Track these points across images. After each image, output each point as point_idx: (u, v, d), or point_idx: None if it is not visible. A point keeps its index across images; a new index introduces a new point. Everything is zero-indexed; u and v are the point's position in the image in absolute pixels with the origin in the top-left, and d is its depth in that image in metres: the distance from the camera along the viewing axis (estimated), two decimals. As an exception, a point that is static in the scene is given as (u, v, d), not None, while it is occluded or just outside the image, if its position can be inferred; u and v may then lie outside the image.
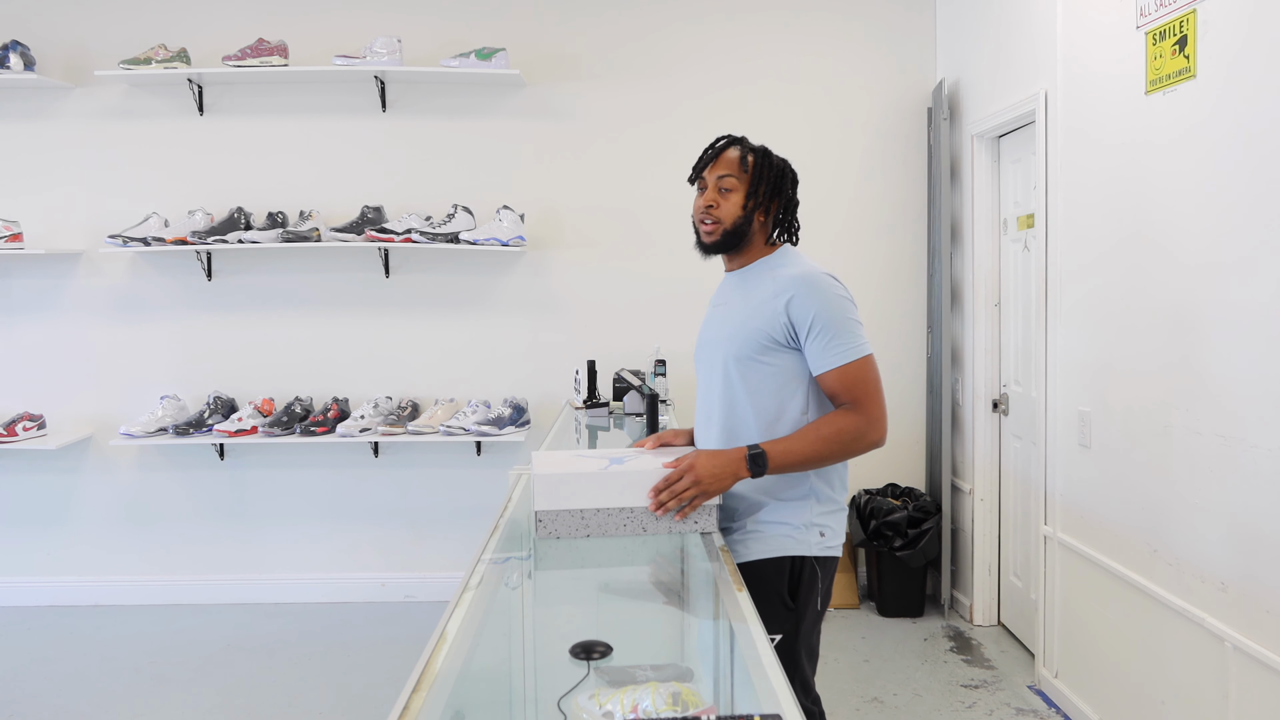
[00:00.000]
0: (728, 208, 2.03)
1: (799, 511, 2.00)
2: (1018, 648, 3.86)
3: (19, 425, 4.31)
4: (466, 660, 1.42)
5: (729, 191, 2.03)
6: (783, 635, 1.97)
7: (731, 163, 2.04)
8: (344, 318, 4.51)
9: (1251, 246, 2.25)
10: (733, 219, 2.03)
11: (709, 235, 2.04)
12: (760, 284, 2.02)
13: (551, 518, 1.85)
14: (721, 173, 2.04)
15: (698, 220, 2.06)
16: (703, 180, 2.06)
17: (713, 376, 2.06)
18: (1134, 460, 2.78)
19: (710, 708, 1.35)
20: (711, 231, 2.03)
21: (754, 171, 2.04)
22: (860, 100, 4.49)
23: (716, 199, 2.03)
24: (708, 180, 2.05)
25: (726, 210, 2.03)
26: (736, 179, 2.03)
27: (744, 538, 2.01)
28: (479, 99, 4.48)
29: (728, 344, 2.02)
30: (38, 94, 4.42)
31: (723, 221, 2.03)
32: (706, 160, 2.06)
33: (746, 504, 2.01)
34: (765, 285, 2.01)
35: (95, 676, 3.76)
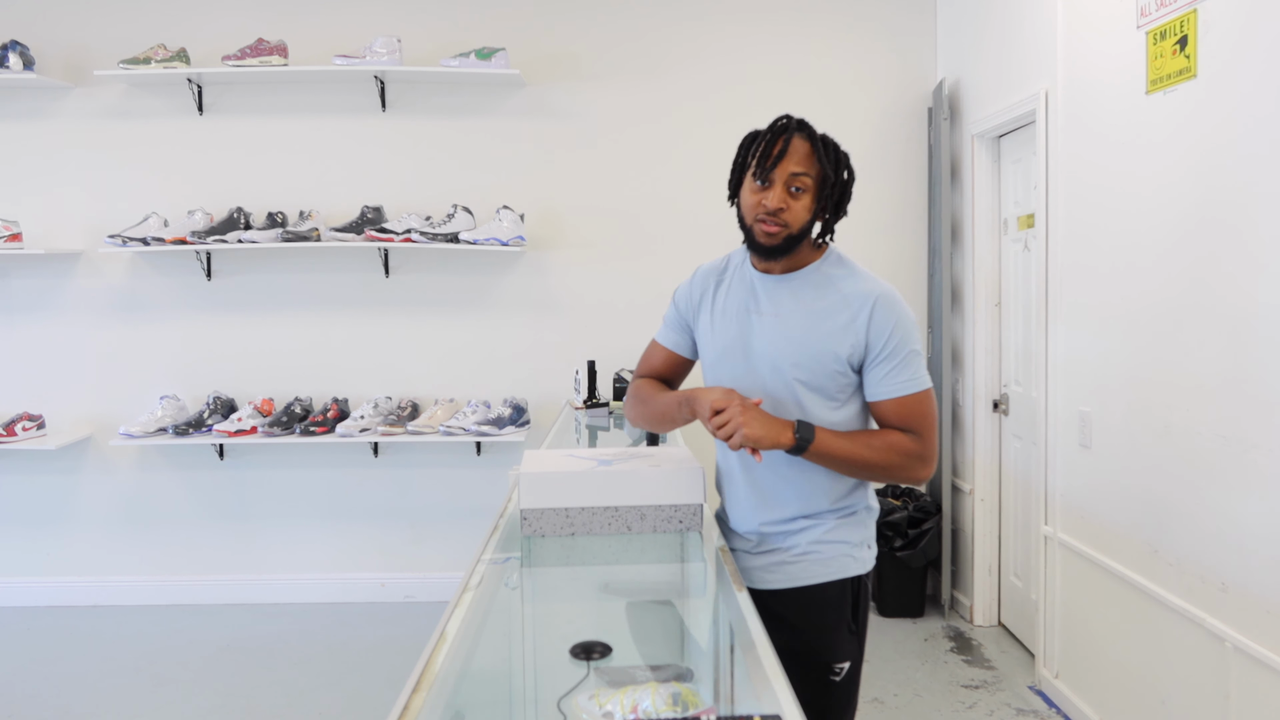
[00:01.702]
0: (798, 211, 1.76)
1: (856, 529, 1.87)
2: (1018, 648, 3.86)
3: (19, 425, 4.31)
4: (466, 660, 1.42)
5: (801, 192, 1.76)
6: (850, 664, 1.86)
7: (806, 158, 1.76)
8: (344, 318, 4.51)
9: (1251, 245, 2.25)
10: (801, 224, 1.78)
11: (770, 238, 1.77)
12: (821, 295, 1.81)
13: (536, 515, 1.86)
14: (796, 170, 1.75)
15: (756, 219, 1.78)
16: (769, 177, 1.75)
17: (752, 383, 1.84)
18: (1134, 460, 2.78)
19: (710, 708, 1.35)
20: (774, 234, 1.77)
21: (826, 171, 1.78)
22: (860, 100, 4.49)
23: (788, 201, 1.75)
24: (775, 178, 1.75)
25: (797, 214, 1.76)
26: (810, 177, 1.76)
27: (799, 559, 1.85)
28: (479, 99, 4.48)
29: (790, 361, 1.80)
30: (37, 94, 4.42)
31: (790, 226, 1.76)
32: (779, 153, 1.75)
33: (800, 522, 1.86)
34: (829, 297, 1.80)
35: (95, 676, 3.75)
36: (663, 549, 1.94)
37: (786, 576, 1.87)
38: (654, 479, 1.88)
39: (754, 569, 1.90)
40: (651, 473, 1.88)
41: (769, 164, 1.75)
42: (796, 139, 1.77)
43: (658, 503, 1.88)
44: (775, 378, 1.82)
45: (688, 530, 1.90)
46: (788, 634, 1.73)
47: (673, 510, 1.88)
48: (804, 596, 1.85)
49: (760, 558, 1.90)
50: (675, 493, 1.88)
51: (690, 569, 1.95)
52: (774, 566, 1.88)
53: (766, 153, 1.76)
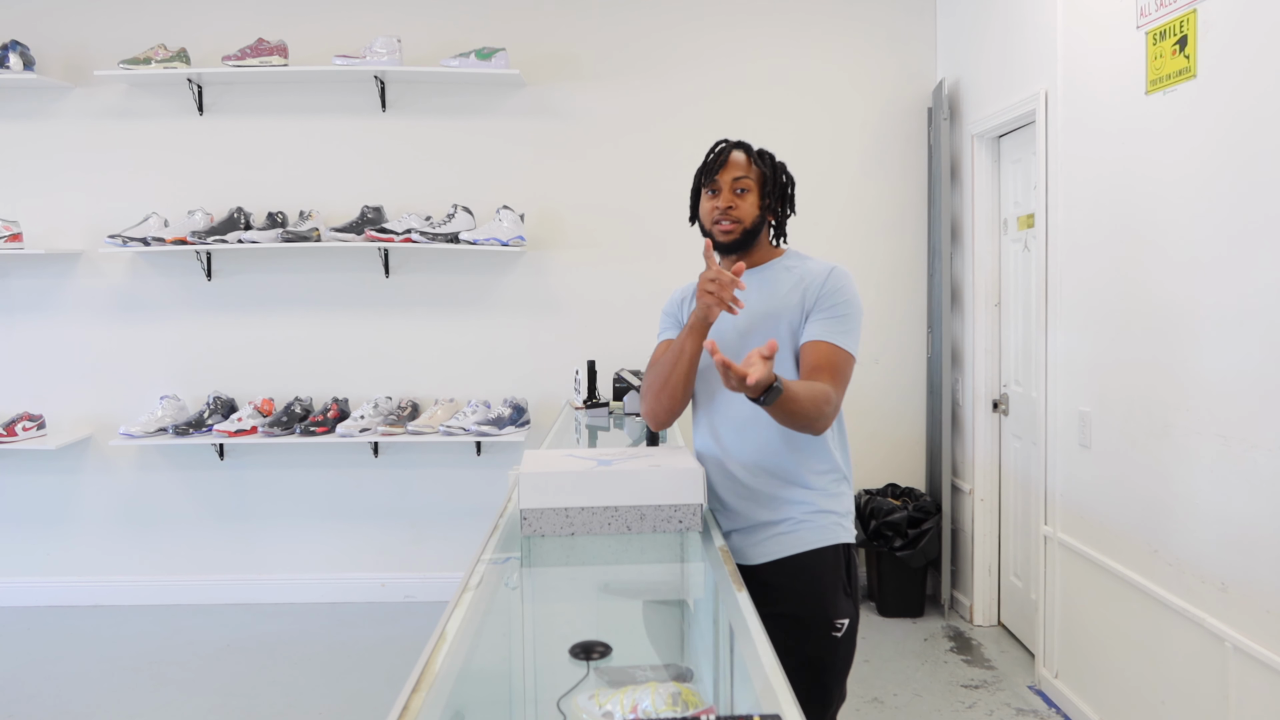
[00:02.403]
0: (746, 208, 2.06)
1: (841, 499, 2.06)
2: (1018, 648, 3.86)
3: (19, 425, 4.31)
4: (466, 660, 1.42)
5: (745, 192, 2.06)
6: (849, 621, 2.01)
7: (743, 164, 2.07)
8: (344, 318, 4.51)
9: (1252, 246, 2.25)
10: (751, 218, 2.06)
11: (727, 235, 2.06)
12: (782, 281, 2.06)
13: (536, 515, 1.86)
14: (736, 174, 2.06)
15: (712, 222, 2.07)
16: (714, 184, 2.07)
17: None
18: (1134, 460, 2.78)
19: (710, 708, 1.35)
20: (730, 231, 2.05)
21: (764, 172, 2.08)
22: (860, 100, 4.49)
23: (734, 200, 2.05)
24: (721, 183, 2.06)
25: (745, 210, 2.05)
26: (751, 179, 2.06)
27: (795, 528, 2.01)
28: (479, 99, 4.48)
29: (761, 338, 2.01)
30: (37, 94, 4.42)
31: (742, 221, 2.05)
32: (718, 164, 2.08)
33: (787, 495, 2.02)
34: (788, 280, 2.06)
35: (95, 676, 3.76)
36: (663, 549, 1.94)
37: (784, 546, 2.01)
38: (654, 479, 1.88)
39: (749, 546, 2.04)
40: (651, 473, 1.88)
41: (714, 172, 2.07)
42: (733, 152, 2.09)
43: (658, 503, 1.88)
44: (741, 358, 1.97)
45: (688, 530, 1.90)
46: (793, 601, 1.96)
47: (673, 510, 1.88)
48: (803, 562, 2.00)
49: (754, 533, 2.04)
50: (675, 493, 1.88)
51: (690, 569, 1.95)
52: (771, 539, 2.02)
53: (711, 165, 2.09)
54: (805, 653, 1.95)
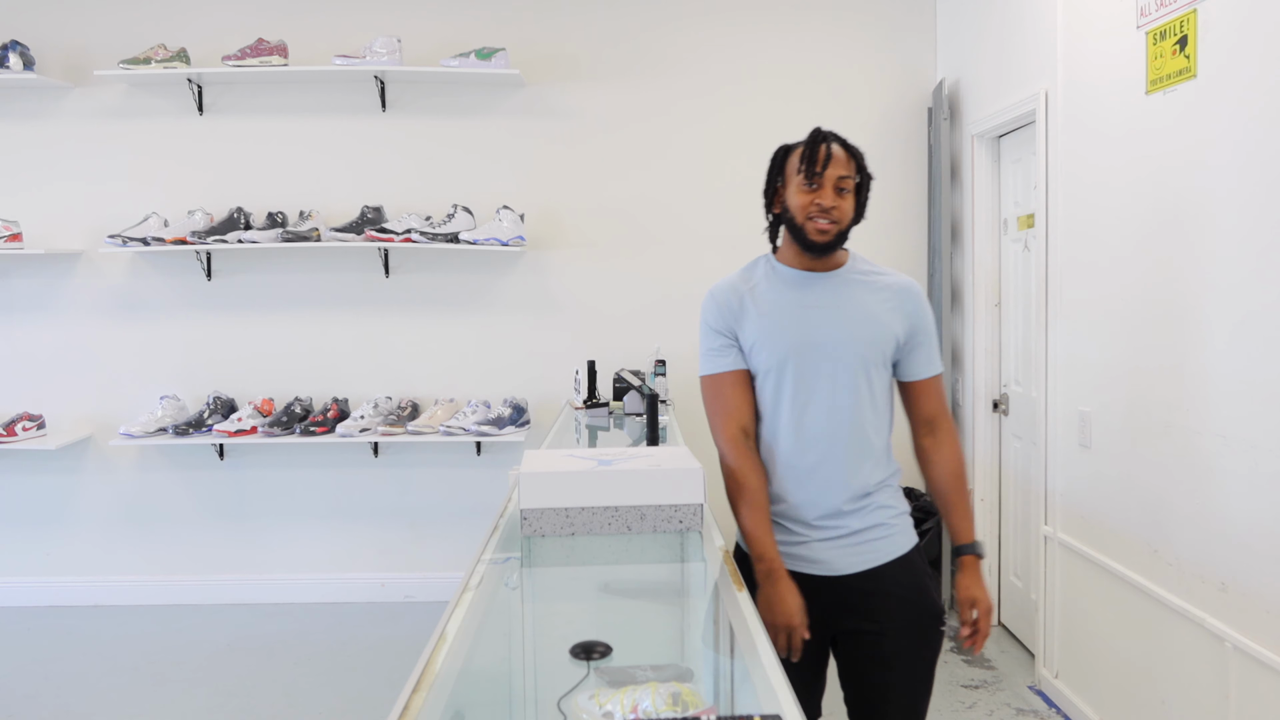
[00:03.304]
0: (845, 209, 1.96)
1: (903, 497, 2.08)
2: (1018, 648, 3.86)
3: (19, 425, 4.31)
4: (466, 660, 1.42)
5: (846, 193, 1.95)
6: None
7: (845, 162, 1.95)
8: (344, 318, 4.51)
9: (1252, 246, 2.25)
10: (848, 220, 1.97)
11: (823, 235, 1.94)
12: (865, 289, 2.00)
13: (536, 515, 1.86)
14: (841, 173, 1.93)
15: (807, 218, 1.93)
16: (819, 178, 1.92)
17: (836, 380, 1.96)
18: (1134, 460, 2.78)
19: (710, 708, 1.35)
20: (826, 231, 1.93)
21: (863, 174, 1.99)
22: (860, 100, 4.49)
23: (837, 200, 1.93)
24: (826, 179, 1.92)
25: (845, 211, 1.95)
26: (852, 179, 1.96)
27: (889, 533, 2.00)
28: (479, 99, 4.48)
29: (864, 342, 1.96)
30: (37, 94, 4.42)
31: (841, 223, 1.95)
32: (825, 157, 1.93)
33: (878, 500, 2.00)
34: (873, 291, 2.00)
35: (95, 676, 3.75)
36: (663, 549, 1.94)
37: (884, 550, 1.98)
38: (654, 479, 1.88)
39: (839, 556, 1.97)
40: (651, 473, 1.88)
41: (819, 167, 1.91)
42: (835, 146, 1.94)
43: (658, 503, 1.88)
44: (848, 361, 1.95)
45: (688, 530, 1.90)
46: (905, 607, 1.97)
47: (673, 510, 1.88)
48: (907, 563, 2.00)
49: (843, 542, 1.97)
50: (675, 493, 1.88)
51: (690, 569, 1.95)
52: (869, 544, 1.98)
53: (814, 157, 1.92)
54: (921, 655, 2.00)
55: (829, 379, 1.95)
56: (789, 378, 1.96)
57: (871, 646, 1.96)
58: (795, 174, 1.95)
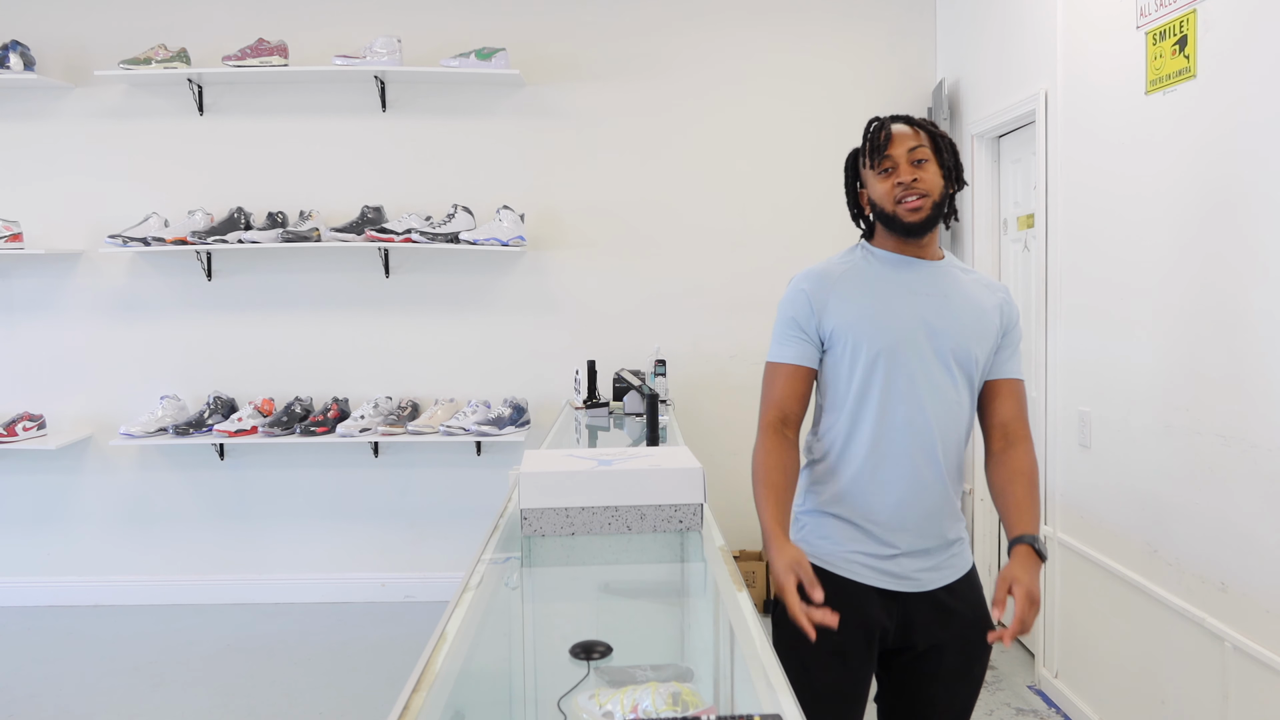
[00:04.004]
0: (930, 178, 1.81)
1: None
2: (1018, 648, 3.86)
3: (19, 425, 4.31)
4: (466, 660, 1.42)
5: (924, 162, 1.81)
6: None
7: (914, 135, 1.83)
8: (344, 318, 4.52)
9: (1252, 246, 2.25)
10: (939, 189, 1.82)
11: (916, 212, 1.80)
12: (969, 281, 1.90)
13: (536, 515, 1.86)
14: (910, 145, 1.81)
15: (895, 202, 1.81)
16: (887, 160, 1.81)
17: (941, 370, 1.83)
18: (1134, 460, 2.78)
19: (710, 708, 1.35)
20: (919, 207, 1.80)
21: (933, 135, 1.85)
22: (860, 100, 4.49)
23: (916, 172, 1.80)
24: (896, 157, 1.80)
25: (930, 180, 1.81)
26: (926, 147, 1.82)
27: (964, 547, 1.93)
28: (479, 99, 4.48)
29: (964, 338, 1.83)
30: (38, 94, 4.42)
31: (930, 193, 1.80)
32: (884, 139, 1.82)
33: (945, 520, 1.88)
34: (975, 284, 1.90)
35: (95, 676, 3.76)
36: (663, 549, 1.94)
37: (963, 563, 1.92)
38: (654, 479, 1.88)
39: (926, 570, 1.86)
40: (651, 473, 1.88)
41: (882, 149, 1.82)
42: (893, 126, 1.84)
43: (658, 503, 1.88)
44: (954, 352, 1.83)
45: (688, 530, 1.90)
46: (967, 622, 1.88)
47: (673, 510, 1.88)
48: (972, 578, 1.93)
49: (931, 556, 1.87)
50: (675, 493, 1.88)
51: (690, 569, 1.95)
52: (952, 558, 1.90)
53: (875, 143, 1.83)
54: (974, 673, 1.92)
55: (934, 368, 1.82)
56: (887, 364, 1.81)
57: (932, 664, 1.89)
58: (866, 169, 1.86)
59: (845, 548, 1.87)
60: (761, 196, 4.42)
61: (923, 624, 1.87)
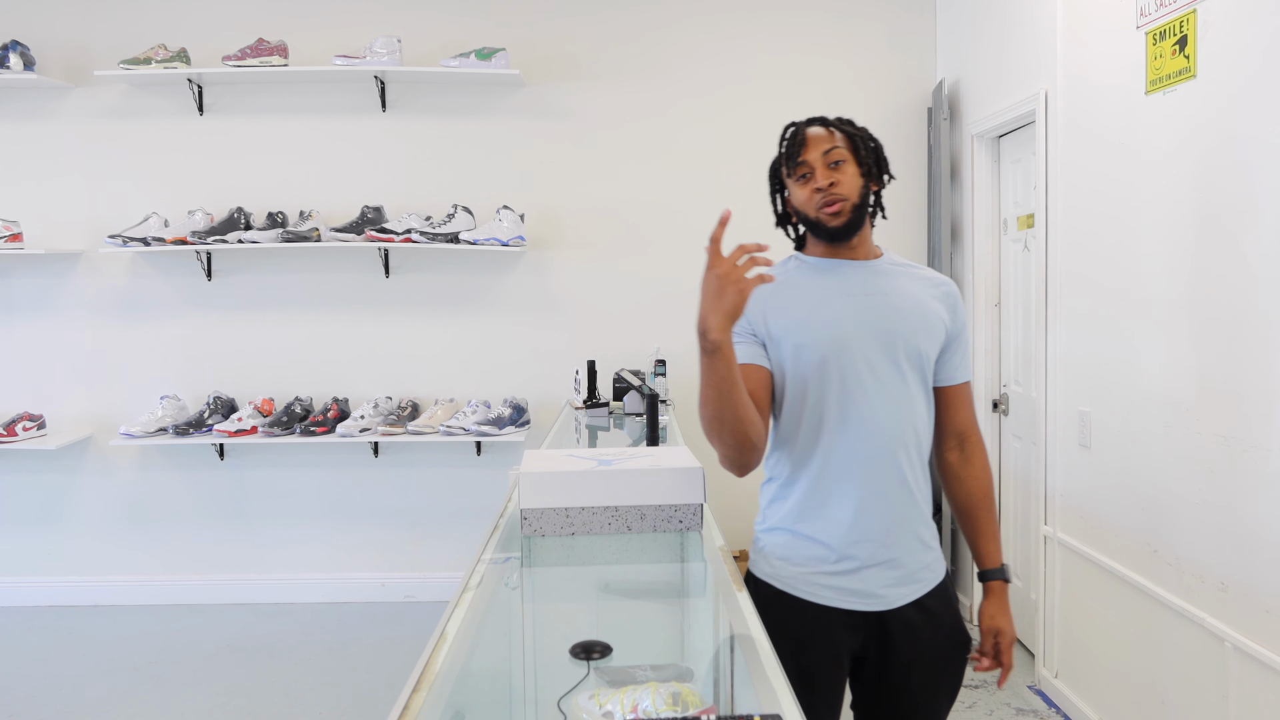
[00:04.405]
0: (848, 179, 1.78)
1: None
2: (1018, 648, 3.85)
3: (19, 425, 4.31)
4: (466, 660, 1.42)
5: (841, 163, 1.78)
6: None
7: (828, 137, 1.79)
8: (344, 318, 4.52)
9: (1251, 246, 2.25)
10: (857, 190, 1.79)
11: (836, 216, 1.77)
12: (908, 278, 1.85)
13: (536, 515, 1.86)
14: (824, 147, 1.78)
15: (817, 206, 1.77)
16: (802, 166, 1.78)
17: (891, 372, 1.76)
18: (1134, 460, 2.78)
19: (710, 708, 1.35)
20: (839, 211, 1.76)
21: (852, 137, 1.82)
22: (860, 100, 4.49)
23: (832, 175, 1.77)
24: (810, 162, 1.77)
25: (848, 183, 1.77)
26: (842, 148, 1.79)
27: (935, 557, 1.85)
28: (479, 99, 4.48)
29: (910, 336, 1.77)
30: (38, 94, 4.42)
31: (849, 196, 1.77)
32: (798, 144, 1.79)
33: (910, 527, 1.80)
34: (915, 280, 1.85)
35: (95, 676, 3.76)
36: (663, 549, 1.94)
37: (935, 575, 1.85)
38: (654, 479, 1.88)
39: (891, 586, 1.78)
40: (651, 473, 1.88)
41: (797, 155, 1.79)
42: (807, 130, 1.82)
43: (658, 503, 1.88)
44: (899, 352, 1.77)
45: (688, 530, 1.90)
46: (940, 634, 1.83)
47: (673, 510, 1.88)
48: (944, 590, 1.86)
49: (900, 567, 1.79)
50: (675, 493, 1.88)
51: (690, 569, 1.95)
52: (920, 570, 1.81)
53: (790, 149, 1.81)
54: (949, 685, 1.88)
55: (885, 369, 1.76)
56: (835, 370, 1.75)
57: (901, 677, 1.82)
58: (787, 178, 1.84)
59: (806, 568, 1.79)
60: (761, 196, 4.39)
61: (893, 644, 1.79)
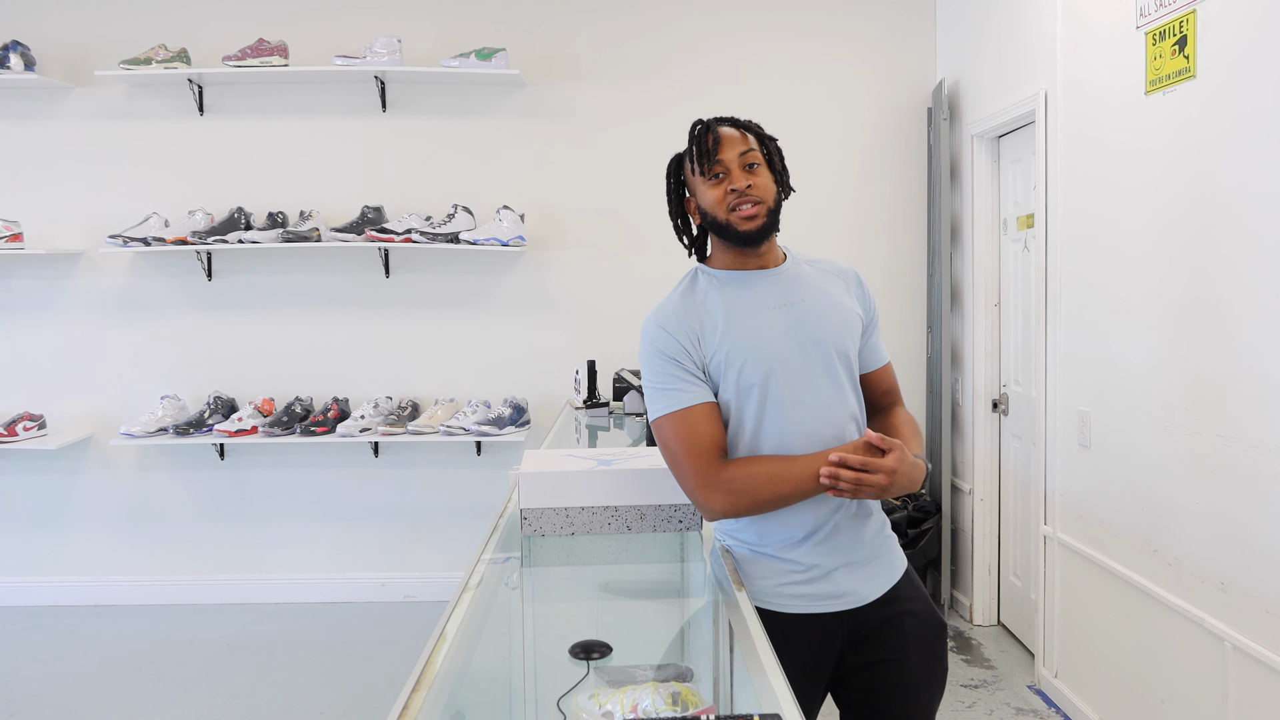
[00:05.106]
0: (763, 184, 1.73)
1: None
2: (1018, 648, 3.86)
3: (19, 425, 4.31)
4: (466, 660, 1.42)
5: (757, 167, 1.74)
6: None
7: (742, 139, 1.75)
8: (344, 318, 4.52)
9: (1251, 246, 2.25)
10: (773, 196, 1.75)
11: (751, 221, 1.72)
12: (822, 278, 1.83)
13: (536, 515, 1.86)
14: (740, 149, 1.73)
15: (729, 209, 1.72)
16: (719, 165, 1.73)
17: (826, 380, 1.76)
18: (1134, 460, 2.78)
19: (710, 708, 1.35)
20: (755, 215, 1.72)
21: (764, 140, 1.79)
22: (860, 100, 4.49)
23: (750, 178, 1.72)
24: (727, 162, 1.73)
25: (765, 187, 1.73)
26: (757, 153, 1.75)
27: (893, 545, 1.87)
28: (479, 99, 4.48)
29: (841, 336, 1.78)
30: (38, 94, 4.42)
31: (766, 200, 1.73)
32: (714, 142, 1.74)
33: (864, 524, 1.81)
34: (828, 278, 1.84)
35: (95, 676, 3.76)
36: (663, 549, 1.94)
37: (898, 563, 1.86)
38: (654, 479, 1.88)
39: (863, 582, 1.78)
40: (651, 473, 1.88)
41: (713, 155, 1.73)
42: (720, 129, 1.76)
43: (658, 503, 1.88)
44: (831, 358, 1.76)
45: (688, 530, 1.90)
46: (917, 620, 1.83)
47: (673, 510, 1.88)
48: (910, 577, 1.87)
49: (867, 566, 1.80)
50: (675, 493, 1.88)
51: (690, 569, 1.96)
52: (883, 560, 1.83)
53: (702, 148, 1.75)
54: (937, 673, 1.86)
55: (819, 379, 1.75)
56: (775, 387, 1.72)
57: (896, 673, 1.80)
58: (695, 176, 1.77)
59: (775, 581, 1.76)
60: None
61: (873, 638, 1.78)
